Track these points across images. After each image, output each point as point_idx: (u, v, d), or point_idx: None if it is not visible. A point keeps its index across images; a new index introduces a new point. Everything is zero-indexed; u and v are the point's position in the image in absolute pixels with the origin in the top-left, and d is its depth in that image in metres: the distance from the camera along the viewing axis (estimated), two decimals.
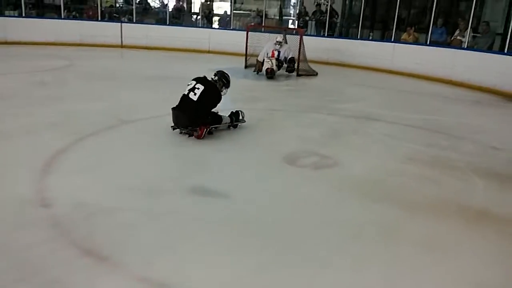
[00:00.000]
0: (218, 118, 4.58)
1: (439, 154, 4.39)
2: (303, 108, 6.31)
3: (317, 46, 11.77)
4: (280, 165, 3.80)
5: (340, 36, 12.35)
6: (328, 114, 5.96)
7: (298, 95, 7.44)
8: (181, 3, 13.95)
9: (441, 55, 9.41)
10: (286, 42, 9.75)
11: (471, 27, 8.88)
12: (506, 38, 8.23)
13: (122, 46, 13.07)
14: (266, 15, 13.87)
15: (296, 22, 12.71)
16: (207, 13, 14.15)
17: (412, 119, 5.88)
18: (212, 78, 4.52)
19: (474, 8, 9.05)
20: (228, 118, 4.74)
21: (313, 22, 12.44)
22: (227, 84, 4.60)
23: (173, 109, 4.36)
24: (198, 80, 4.35)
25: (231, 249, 2.47)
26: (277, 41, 9.33)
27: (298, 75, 9.46)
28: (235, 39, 11.67)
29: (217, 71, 4.66)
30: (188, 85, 4.35)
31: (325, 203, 3.14)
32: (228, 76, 4.65)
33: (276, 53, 9.32)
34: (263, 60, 9.20)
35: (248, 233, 2.64)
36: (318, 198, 3.21)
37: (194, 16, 13.97)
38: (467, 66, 8.88)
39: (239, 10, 14.77)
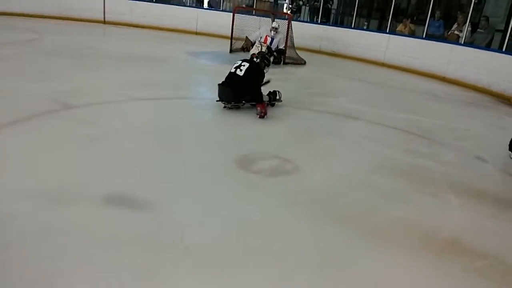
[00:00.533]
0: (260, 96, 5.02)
1: (416, 163, 3.92)
2: None
3: (309, 33, 11.22)
4: (230, 170, 3.30)
5: (335, 24, 11.74)
6: (305, 109, 5.46)
7: (278, 85, 6.87)
8: None
9: (437, 49, 8.88)
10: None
11: (469, 22, 8.32)
12: (506, 35, 7.69)
13: (104, 22, 12.44)
14: None
15: (289, 6, 12.01)
16: None
17: (395, 119, 5.40)
18: (254, 60, 5.11)
19: (475, 2, 8.48)
20: (267, 96, 5.14)
21: (307, 8, 11.81)
22: (267, 63, 5.28)
23: (219, 84, 4.82)
24: (244, 60, 4.94)
25: (135, 281, 2.01)
26: (273, 27, 8.82)
27: (284, 63, 8.93)
28: (225, 21, 11.04)
29: (258, 53, 5.46)
30: (235, 64, 4.88)
31: (267, 222, 2.63)
32: (269, 57, 5.28)
33: (269, 39, 8.81)
34: (254, 42, 8.69)
35: (161, 261, 2.17)
36: (259, 215, 2.71)
37: None
38: (463, 63, 8.37)
39: None
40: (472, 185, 3.55)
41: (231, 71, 4.79)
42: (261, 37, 8.85)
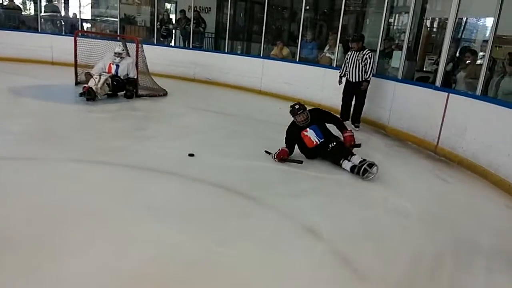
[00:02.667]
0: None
1: (205, 255, 2.48)
2: (79, 151, 4.19)
3: (182, 59, 9.90)
4: None
5: (209, 49, 10.54)
6: (103, 164, 3.89)
7: (100, 127, 5.26)
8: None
9: (311, 74, 7.94)
10: (128, 54, 7.65)
11: (339, 43, 7.47)
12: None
13: None
14: (134, 22, 11.69)
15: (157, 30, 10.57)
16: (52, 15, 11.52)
17: (228, 169, 4.06)
18: None
19: (348, 21, 7.74)
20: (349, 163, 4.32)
21: (178, 31, 10.49)
22: (291, 111, 4.60)
23: None
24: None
25: None
26: (116, 53, 7.19)
27: (138, 95, 7.37)
28: (84, 48, 9.28)
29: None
30: None
31: None
32: (291, 107, 4.62)
33: (114, 67, 7.18)
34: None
35: None
36: None
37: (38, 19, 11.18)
38: (337, 88, 7.44)
39: (101, 16, 12.39)
40: None
41: None
42: (104, 67, 7.22)
